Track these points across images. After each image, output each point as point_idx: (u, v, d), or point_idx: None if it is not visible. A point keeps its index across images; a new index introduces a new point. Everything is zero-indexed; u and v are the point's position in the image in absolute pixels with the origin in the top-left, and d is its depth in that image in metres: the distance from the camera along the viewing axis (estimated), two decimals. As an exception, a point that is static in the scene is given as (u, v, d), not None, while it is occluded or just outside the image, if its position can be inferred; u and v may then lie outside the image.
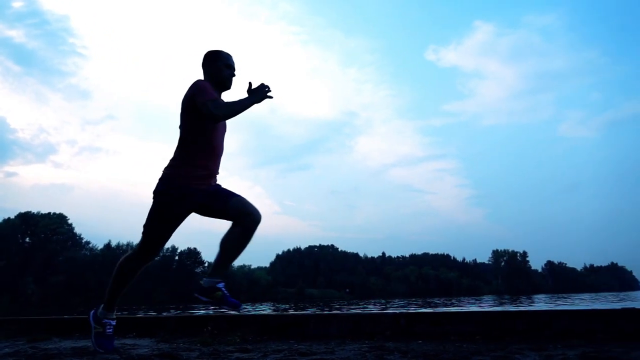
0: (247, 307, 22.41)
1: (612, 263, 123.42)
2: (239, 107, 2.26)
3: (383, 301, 33.38)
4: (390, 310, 5.27)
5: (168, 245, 77.23)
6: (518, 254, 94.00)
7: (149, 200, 2.34)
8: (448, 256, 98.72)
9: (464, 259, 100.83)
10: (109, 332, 2.35)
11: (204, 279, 2.34)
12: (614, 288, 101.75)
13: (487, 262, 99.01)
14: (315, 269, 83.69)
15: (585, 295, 38.84)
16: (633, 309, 2.26)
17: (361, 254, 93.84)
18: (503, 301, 23.20)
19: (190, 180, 2.31)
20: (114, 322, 2.41)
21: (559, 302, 18.00)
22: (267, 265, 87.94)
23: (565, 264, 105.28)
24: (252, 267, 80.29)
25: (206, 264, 77.91)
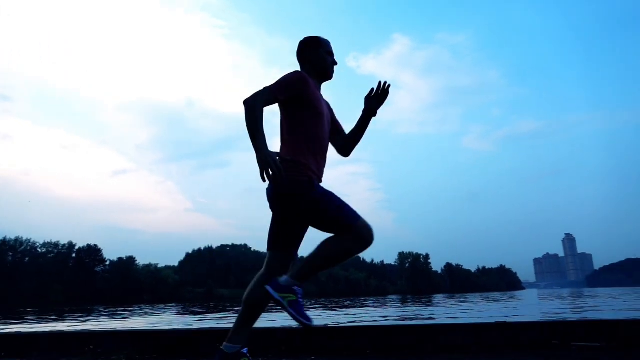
0: (152, 308, 21.29)
1: (501, 265, 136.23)
2: (251, 130, 1.91)
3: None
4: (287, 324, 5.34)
5: (64, 241, 70.96)
6: (421, 256, 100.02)
7: (46, 193, 1.94)
8: (358, 257, 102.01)
9: (372, 260, 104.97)
10: (301, 300, 1.99)
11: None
12: (501, 288, 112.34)
13: (393, 263, 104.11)
14: (226, 268, 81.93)
15: (477, 295, 42.50)
16: (503, 323, 2.49)
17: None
18: (406, 301, 24.56)
19: (310, 183, 2.05)
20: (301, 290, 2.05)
21: (452, 302, 19.48)
22: (176, 264, 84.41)
23: (462, 265, 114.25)
24: (159, 266, 76.51)
25: (108, 262, 72.66)
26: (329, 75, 2.27)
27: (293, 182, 1.97)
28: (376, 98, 2.32)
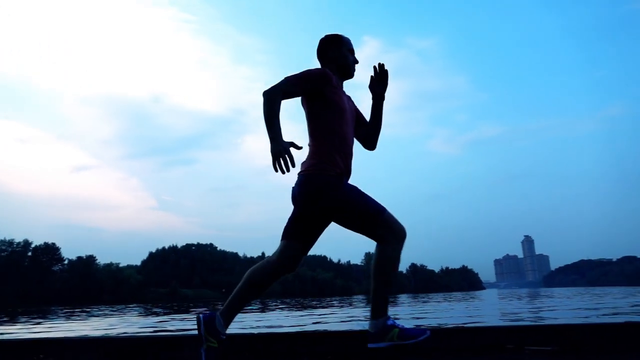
0: (111, 309, 20.60)
1: (463, 266, 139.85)
2: (267, 119, 1.90)
3: (258, 301, 33.45)
4: (248, 331, 5.25)
5: (19, 239, 67.75)
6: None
7: (0, 188, 1.85)
8: (325, 257, 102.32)
9: (339, 261, 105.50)
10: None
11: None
12: (463, 288, 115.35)
13: (360, 263, 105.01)
14: (191, 268, 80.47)
15: (440, 295, 43.45)
16: (461, 327, 2.54)
17: (240, 254, 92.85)
18: (367, 302, 24.71)
19: (335, 185, 2.05)
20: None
21: (416, 302, 19.83)
22: (139, 263, 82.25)
23: (426, 266, 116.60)
24: (121, 265, 74.31)
25: (66, 261, 69.90)
26: (350, 73, 2.27)
27: (321, 180, 1.96)
28: (378, 82, 2.32)
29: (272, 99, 1.91)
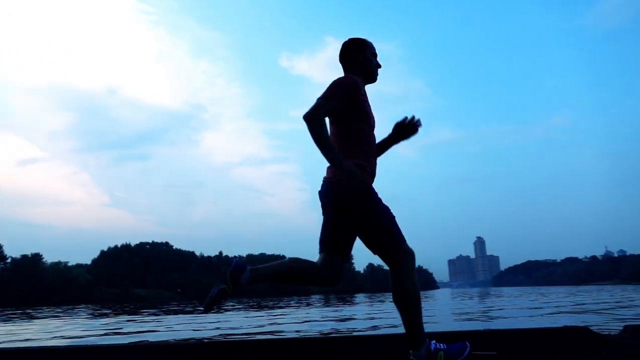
0: (59, 310, 19.63)
1: (419, 266, 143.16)
2: (323, 145, 1.86)
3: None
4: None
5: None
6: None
7: None
8: (283, 257, 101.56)
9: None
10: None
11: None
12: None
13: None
14: (145, 267, 78.06)
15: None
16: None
17: (197, 253, 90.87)
18: (328, 301, 25.00)
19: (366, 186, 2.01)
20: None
21: (373, 302, 20.18)
22: (89, 262, 78.92)
23: (383, 266, 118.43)
24: (70, 264, 71.01)
25: (9, 259, 65.95)
26: (374, 77, 2.22)
27: (355, 186, 1.92)
28: (404, 130, 2.28)
29: (318, 123, 1.87)
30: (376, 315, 10.18)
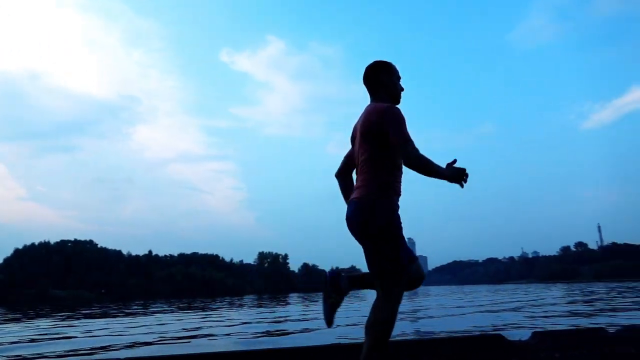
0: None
1: (352, 266, 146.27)
2: (432, 171, 1.96)
3: (142, 302, 31.59)
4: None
5: None
6: (280, 256, 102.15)
7: None
8: (217, 256, 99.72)
9: (231, 260, 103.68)
10: None
11: None
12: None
13: (252, 263, 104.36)
14: (65, 267, 73.00)
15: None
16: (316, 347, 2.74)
17: (124, 252, 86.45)
18: (262, 301, 24.87)
19: (396, 211, 2.13)
20: None
21: (306, 301, 20.37)
22: (0, 261, 72.46)
23: (318, 266, 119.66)
24: (-22, 263, 64.73)
25: None
26: (398, 101, 2.29)
27: (390, 206, 2.07)
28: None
29: (421, 160, 1.98)
30: (309, 317, 10.32)
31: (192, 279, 78.00)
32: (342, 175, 2.42)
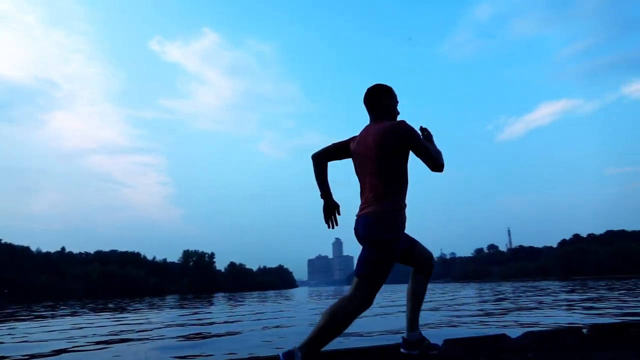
0: None
1: (280, 265, 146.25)
2: (437, 153, 2.38)
3: (51, 303, 29.19)
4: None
5: None
6: (207, 255, 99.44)
7: None
8: (138, 254, 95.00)
9: (154, 258, 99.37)
10: None
11: (407, 334, 2.48)
12: (278, 286, 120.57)
13: (177, 261, 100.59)
14: (-40, 264, 65.55)
15: (255, 294, 44.67)
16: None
17: (33, 248, 79.41)
18: (186, 302, 24.04)
19: (404, 223, 2.33)
20: None
21: (232, 301, 20.03)
22: None
23: (245, 265, 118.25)
24: None
25: None
26: None
27: (398, 228, 2.26)
28: None
29: (442, 159, 2.37)
30: (233, 318, 10.15)
31: (109, 278, 73.57)
32: (320, 158, 2.53)
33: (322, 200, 2.48)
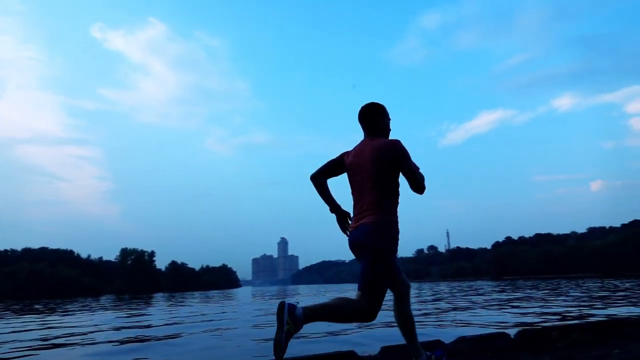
0: None
1: (223, 264, 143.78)
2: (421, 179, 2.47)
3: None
4: None
5: None
6: (146, 253, 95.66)
7: None
8: (71, 252, 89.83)
9: (89, 256, 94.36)
10: None
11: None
12: (221, 286, 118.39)
13: (114, 260, 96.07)
14: None
15: (197, 294, 43.62)
16: None
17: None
18: (122, 302, 23.03)
19: (398, 234, 2.45)
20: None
21: (173, 302, 19.44)
22: None
23: (187, 264, 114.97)
24: None
25: None
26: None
27: (393, 238, 2.39)
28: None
29: (424, 184, 2.45)
30: (173, 320, 9.87)
31: (38, 278, 68.96)
32: (318, 177, 2.68)
33: (333, 214, 2.66)
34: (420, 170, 2.45)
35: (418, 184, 2.43)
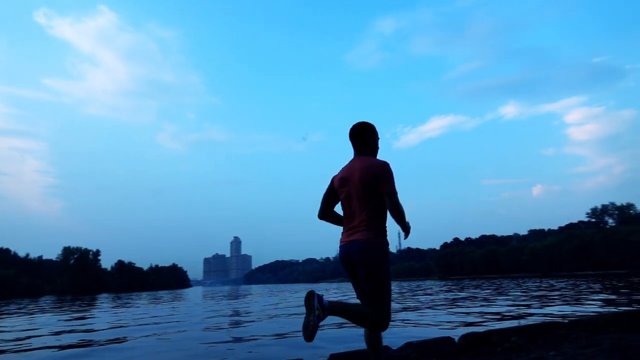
0: None
1: (173, 264, 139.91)
2: (403, 221, 2.57)
3: None
4: None
5: None
6: (91, 252, 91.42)
7: None
8: (8, 250, 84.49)
9: (27, 255, 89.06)
10: None
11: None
12: (171, 286, 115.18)
13: (55, 259, 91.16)
14: None
15: (145, 294, 42.25)
16: None
17: None
18: (63, 303, 21.89)
19: (388, 247, 2.59)
20: None
21: (117, 304, 18.72)
22: None
23: (135, 263, 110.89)
24: None
25: None
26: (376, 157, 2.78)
27: (386, 246, 2.53)
28: None
29: (401, 210, 2.54)
30: (119, 323, 9.52)
31: (-32, 278, 64.25)
32: (325, 214, 2.81)
33: None
34: (396, 193, 2.54)
35: (397, 208, 2.52)
